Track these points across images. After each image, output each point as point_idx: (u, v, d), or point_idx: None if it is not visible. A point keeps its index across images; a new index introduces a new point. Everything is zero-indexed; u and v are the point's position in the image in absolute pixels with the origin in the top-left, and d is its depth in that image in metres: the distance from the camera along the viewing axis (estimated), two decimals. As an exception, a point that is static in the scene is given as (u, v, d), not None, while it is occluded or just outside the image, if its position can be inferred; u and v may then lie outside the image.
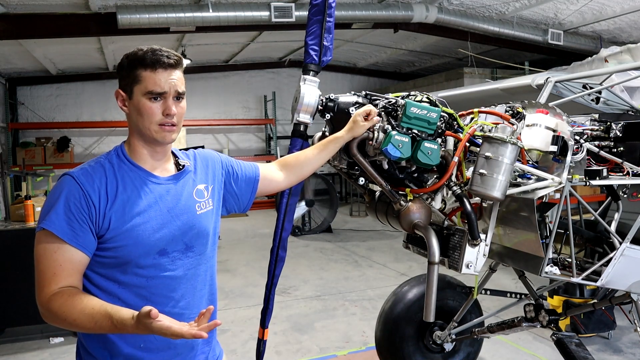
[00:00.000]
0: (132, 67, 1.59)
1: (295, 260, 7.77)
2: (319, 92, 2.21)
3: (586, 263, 3.01)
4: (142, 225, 1.59)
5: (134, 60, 1.59)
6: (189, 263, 1.70)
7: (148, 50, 1.60)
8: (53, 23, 7.85)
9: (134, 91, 1.60)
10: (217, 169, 1.89)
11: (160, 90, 1.58)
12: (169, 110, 1.60)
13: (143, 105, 1.59)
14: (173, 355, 1.69)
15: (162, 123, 1.61)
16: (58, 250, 1.51)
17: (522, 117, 2.51)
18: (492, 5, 8.71)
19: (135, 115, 1.62)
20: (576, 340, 3.06)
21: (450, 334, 3.51)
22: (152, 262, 1.61)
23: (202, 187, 1.78)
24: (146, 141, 1.66)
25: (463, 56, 11.05)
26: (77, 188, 1.54)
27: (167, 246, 1.64)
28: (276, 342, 4.72)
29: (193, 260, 1.72)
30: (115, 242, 1.56)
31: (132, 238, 1.57)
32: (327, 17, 2.29)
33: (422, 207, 2.26)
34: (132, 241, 1.57)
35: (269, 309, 2.48)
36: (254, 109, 15.03)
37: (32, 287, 1.53)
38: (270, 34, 10.38)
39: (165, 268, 1.64)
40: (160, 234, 1.62)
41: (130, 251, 1.57)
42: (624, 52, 5.88)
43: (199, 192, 1.76)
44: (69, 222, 1.51)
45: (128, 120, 1.67)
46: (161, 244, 1.62)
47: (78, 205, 1.53)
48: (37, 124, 12.57)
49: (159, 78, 1.58)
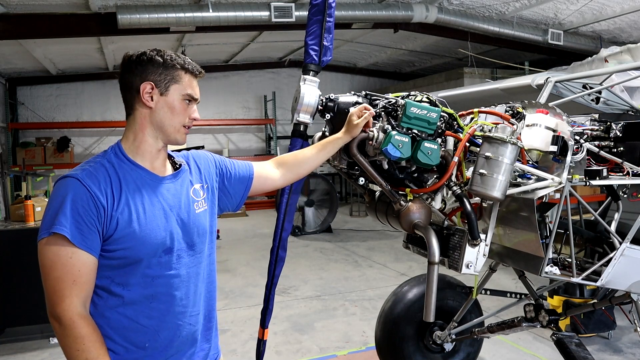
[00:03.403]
0: (174, 67, 1.65)
1: (295, 260, 7.77)
2: (319, 92, 2.21)
3: (586, 263, 3.01)
4: (148, 224, 1.59)
5: (177, 61, 1.65)
6: (191, 261, 1.72)
7: (188, 60, 1.68)
8: (53, 23, 7.85)
9: (170, 89, 1.64)
10: (211, 169, 1.91)
11: (196, 97, 1.70)
12: (194, 114, 1.70)
13: (179, 104, 1.66)
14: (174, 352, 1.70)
15: (186, 125, 1.69)
16: (73, 256, 1.48)
17: (522, 117, 2.51)
18: (492, 5, 8.71)
19: (164, 111, 1.65)
20: (576, 340, 3.06)
21: (450, 334, 3.51)
22: (159, 261, 1.62)
23: (198, 186, 1.80)
24: (161, 138, 1.68)
25: (463, 56, 11.04)
26: (84, 190, 1.51)
27: (172, 244, 1.65)
28: (276, 342, 4.72)
29: (194, 259, 1.73)
30: (123, 243, 1.56)
31: (139, 237, 1.57)
32: (327, 17, 2.29)
33: (422, 207, 2.26)
34: (140, 240, 1.57)
35: (269, 309, 2.47)
36: (254, 109, 15.03)
37: (32, 287, 1.53)
38: (270, 34, 10.38)
39: (170, 267, 1.65)
40: (165, 232, 1.63)
41: (139, 250, 1.57)
42: (624, 52, 5.88)
43: (195, 191, 1.78)
44: (78, 225, 1.49)
45: (145, 115, 1.65)
46: (167, 242, 1.63)
47: (87, 208, 1.50)
48: (37, 124, 12.56)
49: (196, 85, 1.70)
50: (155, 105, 1.64)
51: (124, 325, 1.59)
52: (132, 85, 1.64)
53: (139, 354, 1.63)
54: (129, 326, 1.60)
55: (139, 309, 1.60)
